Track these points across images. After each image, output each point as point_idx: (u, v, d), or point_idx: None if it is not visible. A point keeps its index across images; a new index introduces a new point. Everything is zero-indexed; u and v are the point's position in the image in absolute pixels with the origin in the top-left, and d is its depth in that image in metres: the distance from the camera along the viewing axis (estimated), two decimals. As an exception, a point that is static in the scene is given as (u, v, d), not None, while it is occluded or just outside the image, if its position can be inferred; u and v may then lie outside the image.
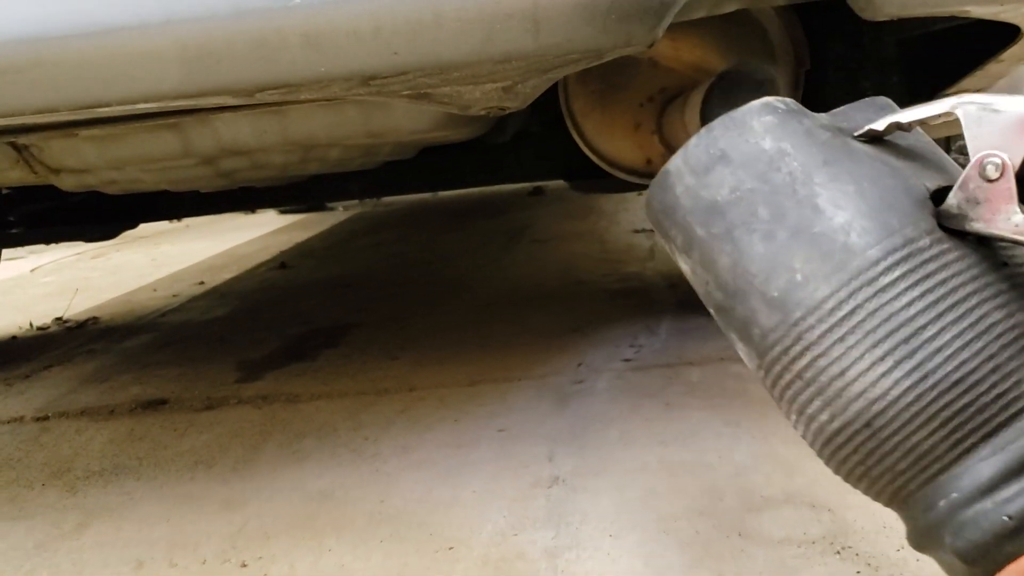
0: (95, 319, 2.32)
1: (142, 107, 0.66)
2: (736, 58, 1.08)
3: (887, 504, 0.55)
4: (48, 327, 2.28)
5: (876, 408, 0.51)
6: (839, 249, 0.52)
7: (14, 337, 2.21)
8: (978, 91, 1.21)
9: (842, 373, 0.51)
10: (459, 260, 2.67)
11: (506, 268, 2.45)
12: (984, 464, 0.50)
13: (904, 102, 1.32)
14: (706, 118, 0.90)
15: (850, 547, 0.84)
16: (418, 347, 1.69)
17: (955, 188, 0.52)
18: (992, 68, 1.07)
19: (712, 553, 0.85)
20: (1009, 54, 0.96)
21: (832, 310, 0.52)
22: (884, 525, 0.87)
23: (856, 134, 0.58)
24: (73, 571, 0.96)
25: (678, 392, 1.31)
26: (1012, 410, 0.50)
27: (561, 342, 1.62)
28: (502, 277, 2.33)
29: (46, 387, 1.69)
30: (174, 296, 2.54)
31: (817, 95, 1.26)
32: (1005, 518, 0.48)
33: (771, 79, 0.90)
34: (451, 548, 0.92)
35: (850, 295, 0.51)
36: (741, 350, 0.59)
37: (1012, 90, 1.36)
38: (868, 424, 0.51)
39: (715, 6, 0.77)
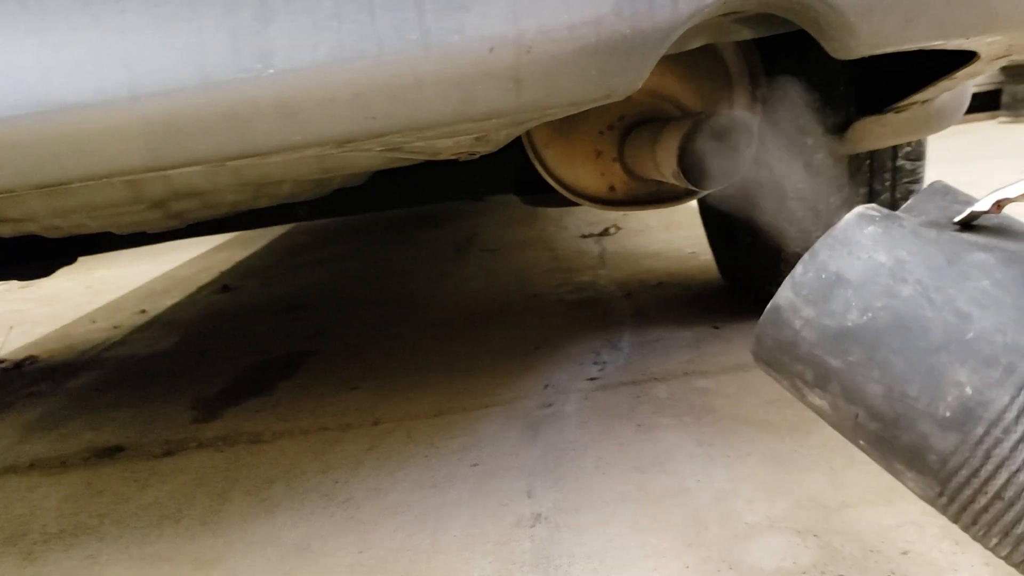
0: (33, 358, 2.24)
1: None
2: (694, 84, 1.08)
3: None
4: (-17, 369, 2.20)
5: None
6: (1002, 351, 0.49)
7: (-53, 382, 2.12)
8: (925, 103, 1.23)
9: None
10: (409, 274, 2.64)
11: (459, 282, 2.43)
12: None
13: (852, 113, 1.33)
14: (689, 164, 0.89)
15: (841, 575, 0.84)
16: (378, 374, 1.67)
17: None
18: (943, 83, 1.08)
19: (705, 591, 0.85)
20: (962, 73, 0.97)
21: (1018, 418, 0.49)
22: (871, 550, 0.87)
23: (956, 220, 0.56)
24: (42, 650, 0.92)
25: (647, 412, 1.30)
26: None
27: (524, 362, 1.61)
28: (456, 292, 2.31)
29: (-11, 438, 1.62)
30: (115, 328, 2.46)
31: (763, 108, 1.26)
32: None
33: (751, 128, 0.89)
34: (439, 600, 0.90)
35: None
36: (912, 480, 0.55)
37: (957, 99, 1.39)
38: None
39: (681, 46, 0.76)
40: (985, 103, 4.80)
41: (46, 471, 1.41)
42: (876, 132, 1.30)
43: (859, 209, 0.55)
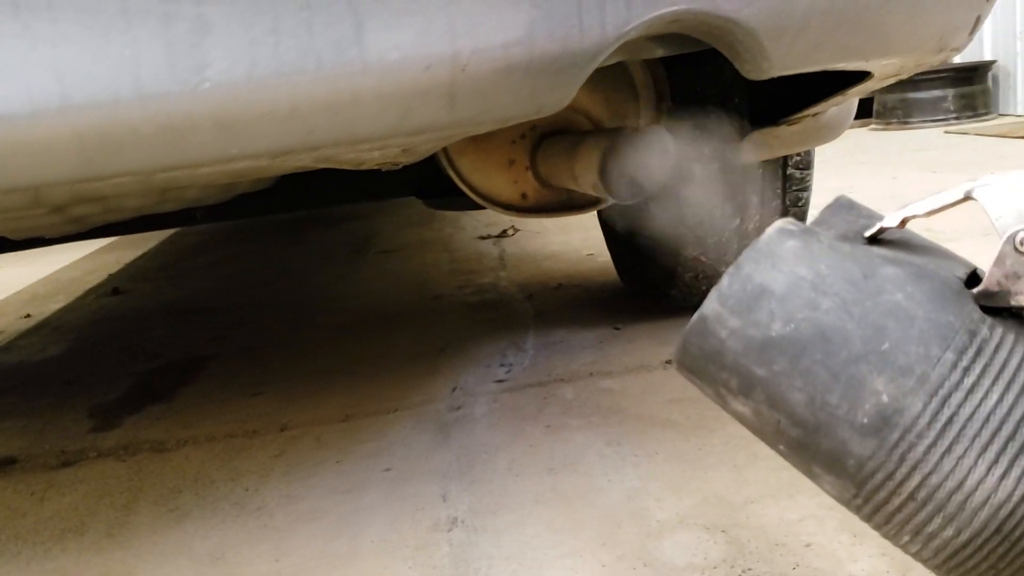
0: (-93, 365, 2.12)
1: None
2: (602, 97, 1.12)
3: None
4: None
5: (1004, 512, 0.52)
6: (915, 361, 0.52)
7: None
8: (816, 116, 1.30)
9: (960, 486, 0.52)
10: (306, 277, 2.61)
11: (359, 284, 2.42)
12: None
13: (746, 125, 1.39)
14: (610, 177, 0.92)
15: (750, 569, 0.89)
16: (282, 379, 1.65)
17: (991, 267, 0.54)
18: (836, 98, 1.15)
19: (622, 587, 0.88)
20: (855, 90, 1.03)
21: (930, 424, 0.52)
22: (776, 543, 0.92)
23: (866, 235, 0.59)
24: (-57, 674, 0.88)
25: (555, 412, 1.33)
26: None
27: (430, 364, 1.62)
28: (356, 294, 2.30)
29: None
30: (-2, 333, 2.36)
31: (667, 120, 1.31)
32: None
33: (670, 143, 0.93)
34: (361, 606, 0.90)
35: (943, 405, 0.52)
36: (829, 483, 0.57)
37: (844, 112, 1.47)
38: (998, 530, 0.52)
39: (597, 63, 0.78)
40: (857, 111, 5.04)
41: (-69, 486, 1.34)
42: (770, 143, 1.36)
43: (779, 223, 0.59)
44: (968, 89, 5.31)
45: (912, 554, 0.57)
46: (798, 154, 1.59)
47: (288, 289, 2.48)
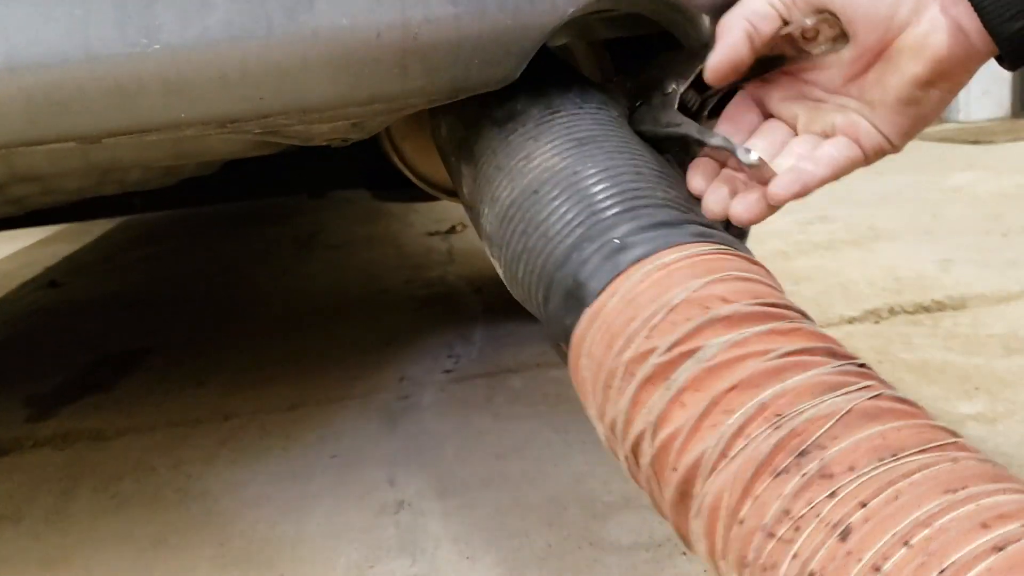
0: None
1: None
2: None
3: None
4: None
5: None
6: None
7: None
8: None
9: None
10: (250, 271, 2.58)
11: (304, 279, 2.40)
12: None
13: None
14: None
15: (693, 546, 0.90)
16: (225, 370, 1.63)
17: None
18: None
19: (568, 565, 0.89)
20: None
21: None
22: (719, 521, 0.93)
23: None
24: None
25: (503, 402, 1.34)
26: None
27: (378, 356, 1.61)
28: (302, 288, 2.28)
29: None
30: (-72, 325, 2.28)
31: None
32: None
33: None
34: (306, 587, 0.90)
35: None
36: None
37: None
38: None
39: (546, 36, 0.78)
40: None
41: None
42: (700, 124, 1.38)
43: None
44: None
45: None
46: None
47: (231, 283, 2.45)
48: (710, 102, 0.75)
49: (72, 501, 1.14)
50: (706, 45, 0.74)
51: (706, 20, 0.71)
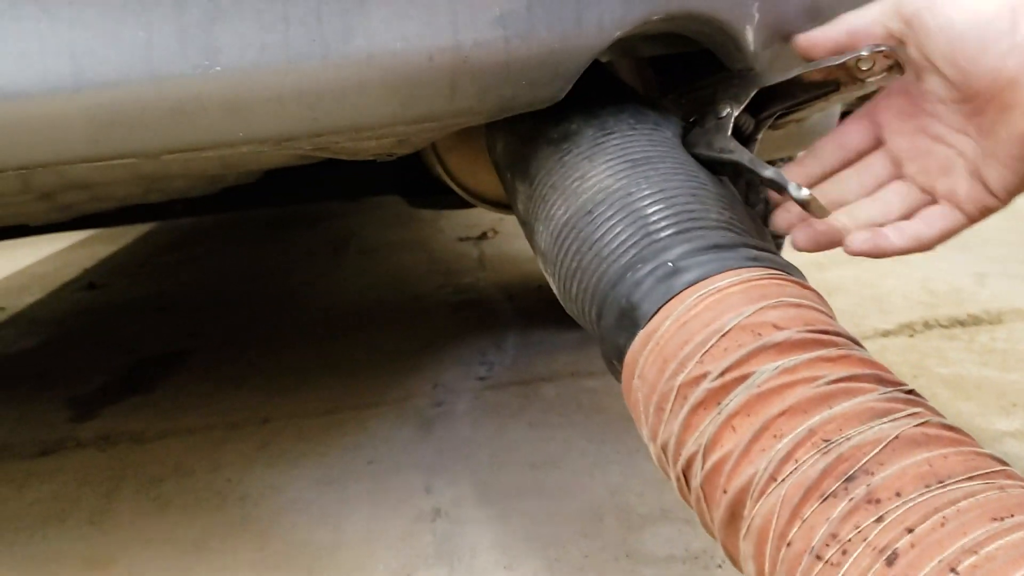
0: None
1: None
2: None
3: None
4: None
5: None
6: None
7: None
8: (800, 122, 1.33)
9: None
10: (286, 275, 2.61)
11: (338, 283, 2.42)
12: None
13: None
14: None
15: (727, 560, 0.90)
16: (263, 373, 1.65)
17: None
18: (820, 104, 1.18)
19: (604, 576, 0.90)
20: (837, 96, 1.06)
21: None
22: (754, 536, 0.94)
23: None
24: (-75, 656, 0.88)
25: (538, 411, 1.35)
26: None
27: (412, 362, 1.63)
28: (336, 292, 2.30)
29: None
30: (-29, 324, 2.33)
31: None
32: None
33: None
34: (346, 593, 0.91)
35: None
36: None
37: (827, 118, 1.50)
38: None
39: (592, 58, 0.80)
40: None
41: (-92, 473, 1.33)
42: (753, 148, 1.39)
43: None
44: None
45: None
46: (781, 160, 1.62)
47: (267, 287, 2.48)
48: (764, 125, 0.76)
49: (115, 502, 1.16)
50: (754, 69, 0.75)
51: (752, 44, 0.72)
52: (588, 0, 0.64)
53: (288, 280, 2.53)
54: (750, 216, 0.68)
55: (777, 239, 1.73)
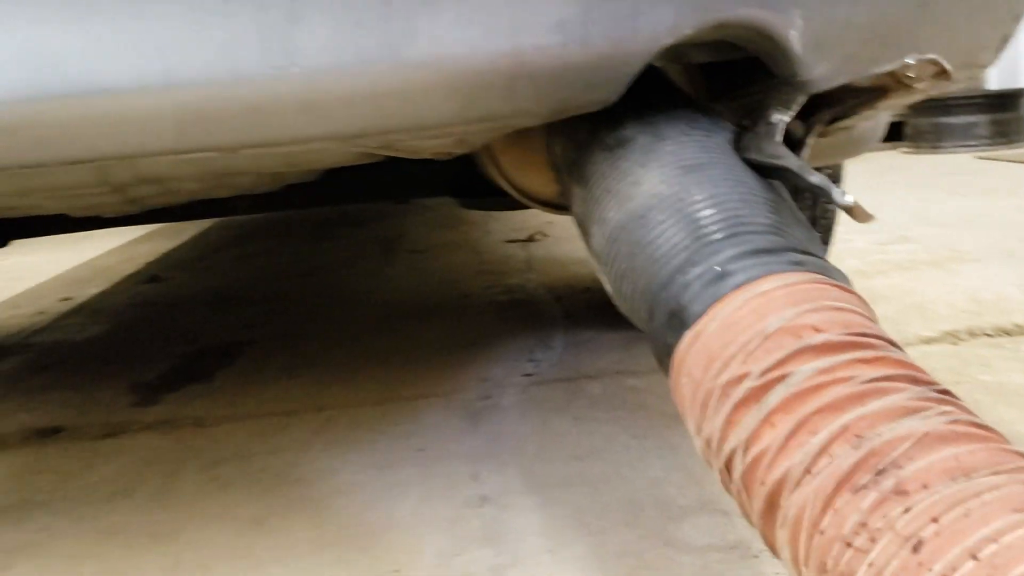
0: (-46, 340, 2.20)
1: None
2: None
3: None
4: (-99, 350, 2.15)
5: None
6: None
7: None
8: (848, 129, 1.35)
9: None
10: (338, 272, 2.68)
11: (389, 280, 2.48)
12: None
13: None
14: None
15: (764, 550, 0.93)
16: (317, 364, 1.71)
17: None
18: (867, 112, 1.20)
19: (645, 563, 0.93)
20: (885, 103, 1.08)
21: None
22: (792, 529, 0.97)
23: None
24: (5, 615, 0.94)
25: (583, 406, 1.38)
26: None
27: (461, 357, 1.67)
28: (387, 289, 2.36)
29: (-83, 417, 1.60)
30: (40, 313, 2.43)
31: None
32: None
33: None
34: (397, 571, 0.96)
35: None
36: None
37: (875, 127, 1.52)
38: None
39: (646, 63, 0.83)
40: (889, 134, 5.09)
41: (-16, 449, 1.41)
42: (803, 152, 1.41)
43: None
44: (1001, 116, 5.32)
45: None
46: (828, 167, 1.64)
47: (320, 283, 2.54)
48: (814, 131, 0.79)
49: (177, 481, 1.22)
50: (802, 76, 0.78)
51: (798, 51, 0.75)
52: (641, 8, 0.68)
53: (340, 277, 2.60)
54: (798, 220, 0.71)
55: (824, 240, 1.74)
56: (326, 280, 2.58)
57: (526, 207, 1.35)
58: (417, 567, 0.96)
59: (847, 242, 2.50)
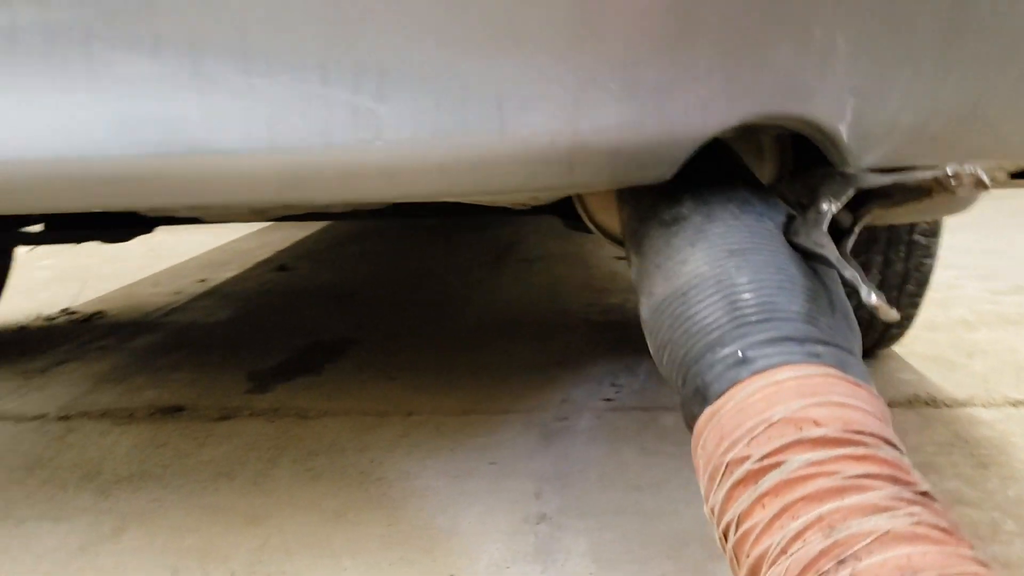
0: (101, 313, 2.43)
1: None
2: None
3: None
4: (56, 318, 2.39)
5: None
6: None
7: (22, 327, 2.31)
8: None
9: None
10: (448, 278, 2.81)
11: (495, 290, 2.59)
12: None
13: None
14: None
15: (794, 598, 0.99)
16: (414, 369, 1.83)
17: None
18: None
19: (677, 595, 1.00)
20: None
21: None
22: None
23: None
24: (116, 574, 1.09)
25: (653, 437, 1.45)
26: None
27: (546, 375, 1.76)
28: (491, 300, 2.47)
29: (64, 384, 1.81)
30: (176, 293, 2.65)
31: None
32: None
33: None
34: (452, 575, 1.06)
35: None
36: None
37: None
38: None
39: (698, 146, 0.88)
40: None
41: (115, 421, 1.59)
42: (895, 212, 1.44)
43: None
44: None
45: None
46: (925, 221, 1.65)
47: (429, 288, 2.68)
48: (862, 222, 0.84)
49: (276, 468, 1.36)
50: (852, 169, 0.83)
51: (848, 146, 0.81)
52: (690, 101, 0.75)
53: (449, 283, 2.72)
54: (835, 308, 0.77)
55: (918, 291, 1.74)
56: (435, 284, 2.71)
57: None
58: (470, 574, 1.06)
59: (958, 288, 2.46)
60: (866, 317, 1.62)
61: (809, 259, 0.80)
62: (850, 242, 0.83)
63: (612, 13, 0.71)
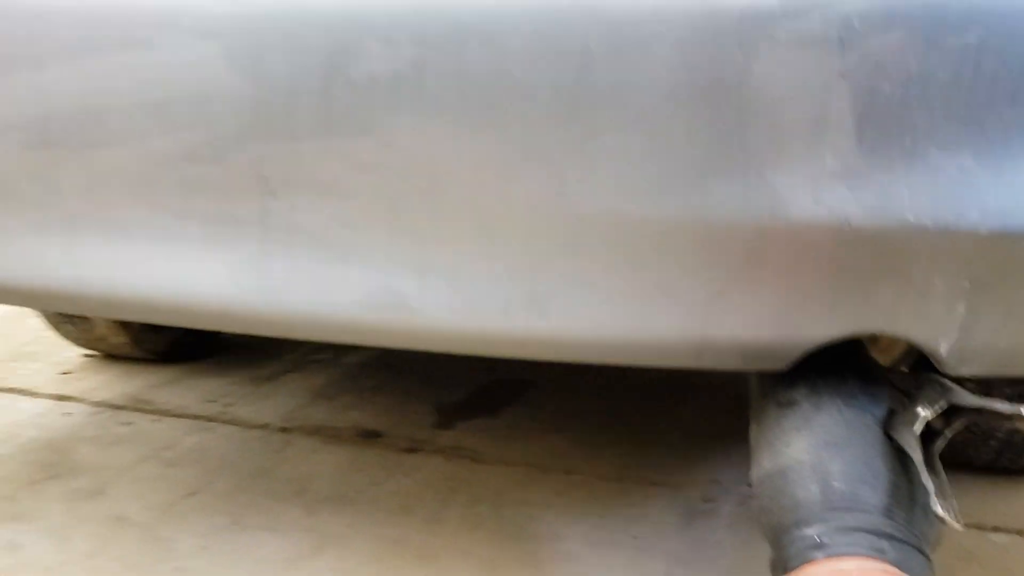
0: (321, 320, 2.78)
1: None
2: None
3: None
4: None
5: None
6: None
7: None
8: None
9: None
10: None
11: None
12: None
13: None
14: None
15: None
16: (579, 422, 2.02)
17: None
18: None
19: None
20: None
21: None
22: None
23: None
24: (312, 588, 1.35)
25: (786, 531, 1.57)
26: None
27: (701, 447, 1.91)
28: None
29: (285, 395, 2.13)
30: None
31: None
32: None
33: None
34: (577, 643, 1.25)
35: None
36: None
37: None
38: None
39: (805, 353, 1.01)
40: None
41: (325, 439, 1.88)
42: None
43: None
44: None
45: None
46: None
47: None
48: (952, 429, 0.95)
49: (447, 509, 1.59)
50: (950, 382, 0.94)
51: (948, 361, 0.92)
52: (799, 320, 0.90)
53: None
54: (916, 501, 0.90)
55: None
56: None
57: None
58: (592, 645, 1.24)
59: None
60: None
61: (901, 452, 0.93)
62: (940, 444, 0.94)
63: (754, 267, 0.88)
